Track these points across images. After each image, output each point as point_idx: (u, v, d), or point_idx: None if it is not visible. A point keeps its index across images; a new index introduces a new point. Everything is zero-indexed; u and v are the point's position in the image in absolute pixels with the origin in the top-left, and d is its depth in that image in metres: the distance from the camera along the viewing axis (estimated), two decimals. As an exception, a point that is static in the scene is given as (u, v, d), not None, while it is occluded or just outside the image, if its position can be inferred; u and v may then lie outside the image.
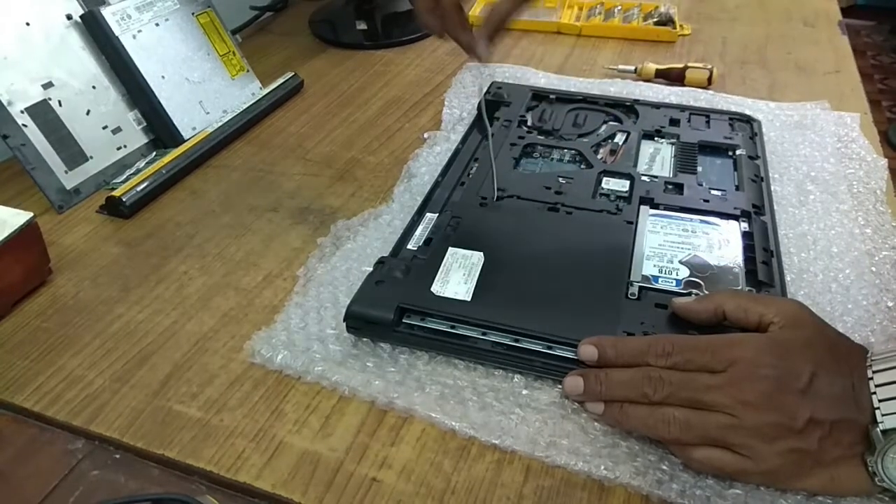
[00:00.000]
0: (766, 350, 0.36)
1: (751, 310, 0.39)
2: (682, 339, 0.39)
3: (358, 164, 0.65)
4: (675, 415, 0.36)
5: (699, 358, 0.37)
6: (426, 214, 0.54)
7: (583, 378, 0.40)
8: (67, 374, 0.45)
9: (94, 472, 0.39)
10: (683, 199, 0.54)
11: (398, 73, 0.82)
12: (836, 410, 0.35)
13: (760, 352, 0.36)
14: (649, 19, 0.89)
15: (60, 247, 0.56)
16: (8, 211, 0.50)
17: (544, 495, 0.37)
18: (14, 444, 0.41)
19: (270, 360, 0.44)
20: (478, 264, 0.46)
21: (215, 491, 0.39)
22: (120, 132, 0.66)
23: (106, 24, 0.64)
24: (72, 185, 0.61)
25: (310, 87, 0.80)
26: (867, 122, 0.67)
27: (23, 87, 0.59)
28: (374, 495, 0.37)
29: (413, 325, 0.44)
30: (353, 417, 0.41)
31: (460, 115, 0.71)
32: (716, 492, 0.36)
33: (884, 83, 2.53)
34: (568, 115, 0.66)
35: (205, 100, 0.71)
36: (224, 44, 0.75)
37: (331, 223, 0.57)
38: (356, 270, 0.51)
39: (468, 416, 0.40)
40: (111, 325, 0.48)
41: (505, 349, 0.42)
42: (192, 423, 0.41)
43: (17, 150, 0.57)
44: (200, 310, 0.49)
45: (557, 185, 0.55)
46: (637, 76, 0.77)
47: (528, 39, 0.90)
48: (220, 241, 0.56)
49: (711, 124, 0.64)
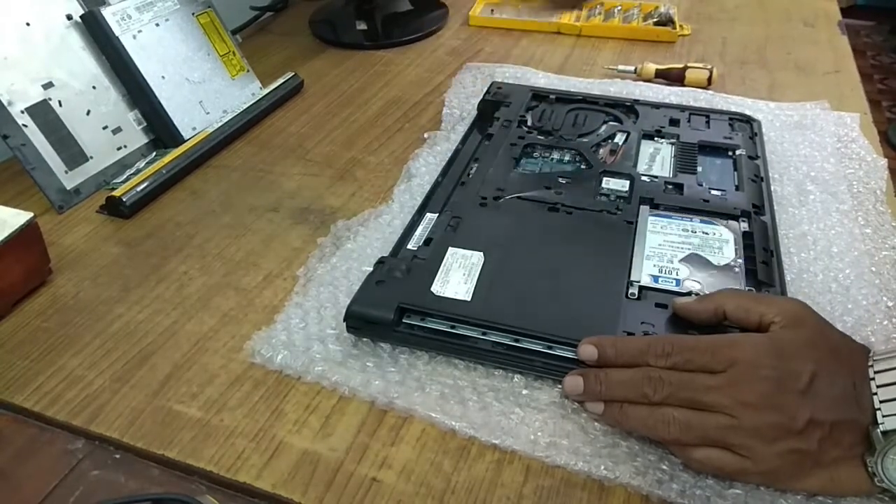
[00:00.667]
0: (766, 350, 0.36)
1: (752, 309, 0.39)
2: (682, 339, 0.39)
3: (358, 164, 0.65)
4: (675, 415, 0.36)
5: (699, 358, 0.37)
6: (426, 214, 0.54)
7: (582, 378, 0.40)
8: (67, 374, 0.45)
9: (94, 472, 0.39)
10: (683, 199, 0.54)
11: (398, 73, 0.82)
12: (837, 411, 0.35)
13: (760, 352, 0.36)
14: (649, 19, 0.89)
15: (60, 247, 0.56)
16: (8, 211, 0.50)
17: (544, 495, 0.37)
18: (14, 444, 0.41)
19: (270, 361, 0.44)
20: (478, 264, 0.46)
21: (215, 491, 0.39)
22: (120, 132, 0.66)
23: (106, 25, 0.64)
24: (72, 185, 0.61)
25: (310, 87, 0.80)
26: (867, 122, 0.67)
27: (23, 88, 0.59)
28: (374, 495, 0.37)
29: (413, 325, 0.44)
30: (353, 417, 0.41)
31: (460, 115, 0.71)
32: (716, 492, 0.36)
33: (884, 83, 2.53)
34: (568, 115, 0.66)
35: (205, 100, 0.71)
36: (224, 44, 0.75)
37: (331, 223, 0.57)
38: (356, 270, 0.51)
39: (468, 416, 0.40)
40: (111, 325, 0.48)
41: (505, 349, 0.42)
42: (192, 423, 0.41)
43: (17, 150, 0.57)
44: (200, 310, 0.49)
45: (557, 185, 0.55)
46: (637, 76, 0.77)
47: (528, 39, 0.90)
48: (220, 241, 0.56)
49: (711, 124, 0.64)
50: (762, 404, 0.35)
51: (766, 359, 0.36)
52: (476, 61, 0.84)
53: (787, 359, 0.36)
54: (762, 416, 0.35)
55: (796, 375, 0.35)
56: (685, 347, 0.38)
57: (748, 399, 0.35)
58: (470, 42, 0.90)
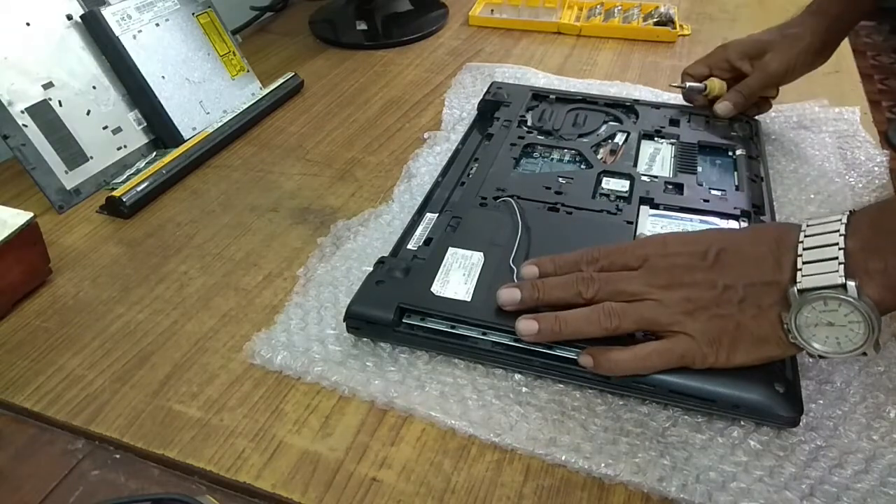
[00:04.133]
0: (672, 242, 0.41)
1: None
2: (607, 246, 0.43)
3: (358, 164, 0.65)
4: (614, 306, 0.40)
5: (619, 259, 0.42)
6: (426, 214, 0.54)
7: (519, 288, 0.42)
8: (67, 374, 0.45)
9: (94, 472, 0.39)
10: (683, 199, 0.54)
11: (398, 73, 0.82)
12: (748, 275, 0.38)
13: (668, 244, 0.41)
14: (649, 19, 0.89)
15: (60, 247, 0.56)
16: (8, 211, 0.50)
17: (544, 495, 0.37)
18: (14, 444, 0.41)
19: (270, 361, 0.44)
20: (478, 264, 0.46)
21: (215, 491, 0.39)
22: (120, 132, 0.66)
23: (106, 24, 0.64)
24: (72, 186, 0.61)
25: (310, 87, 0.80)
26: (867, 122, 0.67)
27: (23, 88, 0.59)
28: (374, 495, 0.37)
29: (413, 324, 0.44)
30: (353, 417, 0.41)
31: (460, 115, 0.71)
32: (717, 485, 0.36)
33: (884, 83, 2.53)
34: (568, 115, 0.66)
35: (205, 100, 0.71)
36: (224, 44, 0.75)
37: (331, 223, 0.57)
38: (356, 270, 0.51)
39: (468, 415, 0.40)
40: (111, 325, 0.48)
41: (505, 349, 0.42)
42: (192, 423, 0.41)
43: (17, 150, 0.57)
44: (200, 310, 0.49)
45: (557, 185, 0.55)
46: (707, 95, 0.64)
47: (528, 39, 0.90)
48: (220, 241, 0.56)
49: (711, 124, 0.64)
50: (676, 283, 0.39)
51: (672, 248, 0.40)
52: (476, 61, 0.84)
53: (691, 244, 0.40)
54: (679, 292, 0.39)
55: (702, 255, 0.39)
56: (608, 252, 0.42)
57: (664, 282, 0.39)
58: (470, 42, 0.90)
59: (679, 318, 0.38)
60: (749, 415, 0.39)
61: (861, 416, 0.40)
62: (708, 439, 0.39)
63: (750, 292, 0.37)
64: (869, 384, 0.41)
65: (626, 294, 0.40)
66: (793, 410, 0.38)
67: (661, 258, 0.40)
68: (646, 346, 0.39)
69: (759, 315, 0.37)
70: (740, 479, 0.37)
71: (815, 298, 0.35)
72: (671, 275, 0.39)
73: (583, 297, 0.41)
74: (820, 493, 0.36)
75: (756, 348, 0.38)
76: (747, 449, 0.38)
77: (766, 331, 0.37)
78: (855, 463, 0.37)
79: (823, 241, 0.36)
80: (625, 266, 0.41)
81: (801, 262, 0.36)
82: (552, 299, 0.41)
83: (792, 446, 0.38)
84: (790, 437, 0.39)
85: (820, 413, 0.40)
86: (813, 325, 0.35)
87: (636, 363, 0.39)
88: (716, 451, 0.38)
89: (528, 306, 0.42)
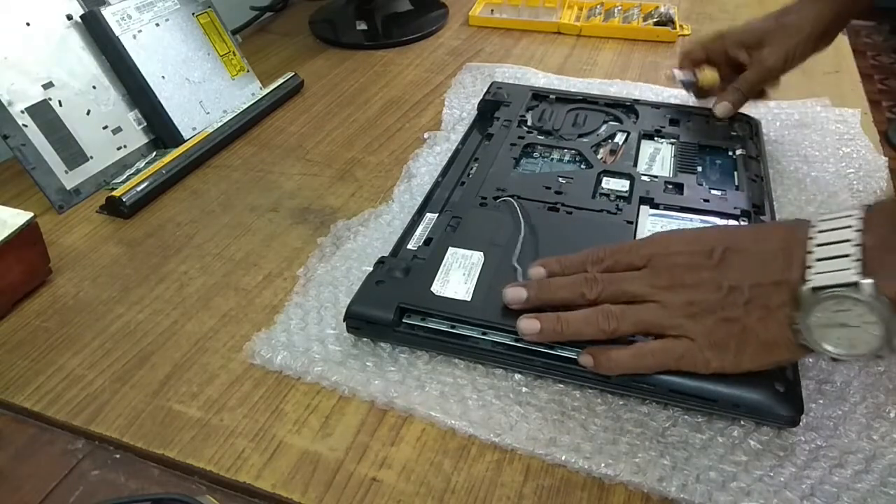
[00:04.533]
0: (676, 241, 0.40)
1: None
2: (613, 245, 0.42)
3: (358, 164, 0.65)
4: (612, 309, 0.39)
5: (624, 258, 0.41)
6: (426, 214, 0.54)
7: (525, 288, 0.42)
8: (67, 374, 0.45)
9: (94, 472, 0.39)
10: (683, 198, 0.53)
11: (398, 73, 0.82)
12: (755, 275, 0.36)
13: (671, 243, 0.40)
14: (649, 19, 0.89)
15: (60, 247, 0.56)
16: (8, 211, 0.50)
17: (544, 495, 0.37)
18: (14, 444, 0.41)
19: (270, 361, 0.44)
20: (478, 264, 0.46)
21: (215, 491, 0.39)
22: (120, 132, 0.66)
23: (106, 24, 0.64)
24: (72, 185, 0.61)
25: (310, 87, 0.80)
26: (867, 122, 0.67)
27: (23, 87, 0.59)
28: (374, 495, 0.37)
29: (413, 324, 0.44)
30: (353, 417, 0.41)
31: (460, 115, 0.71)
32: (717, 485, 0.36)
33: (884, 83, 2.53)
34: (568, 115, 0.66)
35: (205, 100, 0.71)
36: (224, 44, 0.75)
37: (331, 223, 0.57)
38: (356, 270, 0.51)
39: (468, 415, 0.40)
40: (111, 325, 0.48)
41: (505, 349, 0.42)
42: (192, 422, 0.41)
43: (17, 150, 0.57)
44: (200, 310, 0.49)
45: (557, 185, 0.55)
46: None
47: (528, 39, 0.90)
48: (220, 241, 0.56)
49: (711, 124, 0.63)
50: (679, 283, 0.38)
51: (676, 247, 0.40)
52: (476, 61, 0.84)
53: (695, 243, 0.39)
54: (682, 294, 0.38)
55: (706, 254, 0.38)
56: (613, 251, 0.42)
57: (666, 283, 0.38)
58: (470, 42, 0.90)
59: (680, 321, 0.38)
60: (749, 414, 0.39)
61: (861, 416, 0.40)
62: (708, 439, 0.39)
63: (756, 293, 0.36)
64: (869, 384, 0.41)
65: (628, 295, 0.40)
66: (793, 410, 0.38)
67: (664, 257, 0.40)
68: (646, 346, 0.39)
69: (767, 317, 0.36)
70: (740, 478, 0.37)
71: (828, 297, 0.33)
72: (674, 275, 0.39)
73: (586, 297, 0.40)
74: (820, 492, 0.36)
75: (764, 353, 0.36)
76: (747, 449, 0.38)
77: (773, 334, 0.36)
78: (855, 463, 0.37)
79: (836, 237, 0.34)
80: (629, 265, 0.41)
81: (811, 260, 0.35)
82: (557, 300, 0.41)
83: (792, 446, 0.38)
84: (790, 437, 0.39)
85: (820, 413, 0.40)
86: (824, 325, 0.34)
87: (635, 362, 0.39)
88: (716, 450, 0.38)
89: (533, 306, 0.41)
